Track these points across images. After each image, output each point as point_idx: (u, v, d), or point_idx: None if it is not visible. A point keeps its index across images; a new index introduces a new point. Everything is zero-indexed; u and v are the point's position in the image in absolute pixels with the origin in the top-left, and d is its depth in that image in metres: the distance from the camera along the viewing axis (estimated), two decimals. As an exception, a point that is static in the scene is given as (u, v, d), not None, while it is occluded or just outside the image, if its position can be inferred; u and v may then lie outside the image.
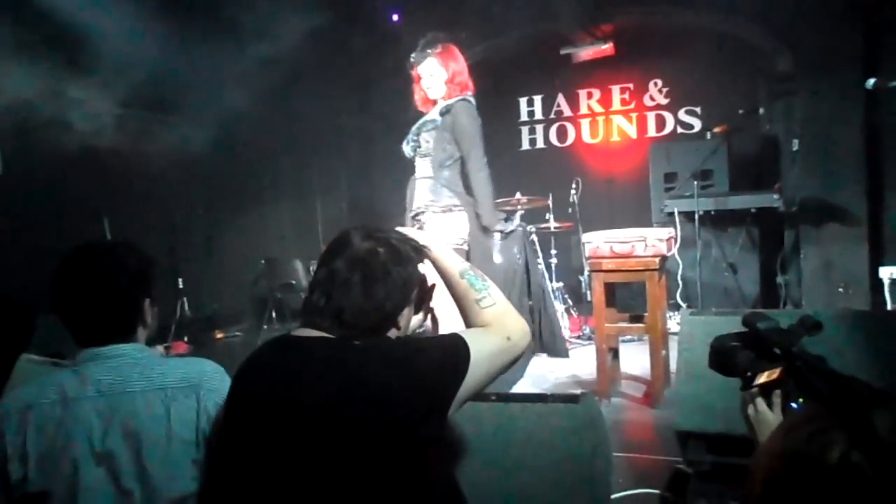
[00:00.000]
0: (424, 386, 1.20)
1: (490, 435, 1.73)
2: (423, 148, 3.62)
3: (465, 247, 3.55)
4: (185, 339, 5.91)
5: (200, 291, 6.35)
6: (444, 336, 1.33)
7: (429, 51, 3.53)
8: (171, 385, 1.42)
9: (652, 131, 6.99)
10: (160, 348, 5.45)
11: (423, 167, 3.63)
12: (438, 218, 3.60)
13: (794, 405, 1.25)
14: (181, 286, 6.02)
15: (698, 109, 6.73)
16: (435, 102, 3.63)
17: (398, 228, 1.46)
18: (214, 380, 1.46)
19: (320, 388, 1.18)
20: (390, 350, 1.25)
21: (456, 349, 1.28)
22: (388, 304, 1.29)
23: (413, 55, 3.59)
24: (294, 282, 6.19)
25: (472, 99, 3.61)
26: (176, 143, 5.25)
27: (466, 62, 3.68)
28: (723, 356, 1.34)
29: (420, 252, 1.38)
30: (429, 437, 1.21)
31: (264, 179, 6.73)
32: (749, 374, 1.26)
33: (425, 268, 1.43)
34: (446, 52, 3.55)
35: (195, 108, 5.10)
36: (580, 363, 4.83)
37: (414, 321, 1.41)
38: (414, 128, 3.72)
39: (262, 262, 6.55)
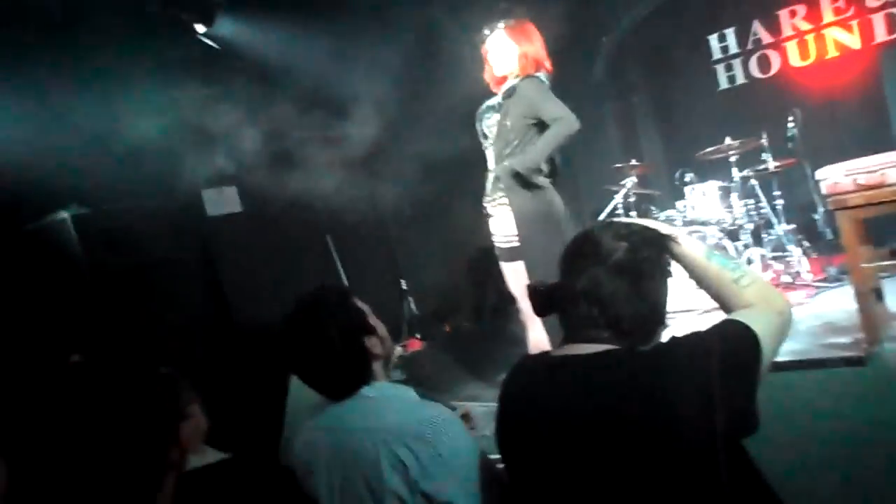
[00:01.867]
0: (732, 382, 1.14)
1: (763, 408, 1.58)
2: (488, 135, 3.34)
3: (514, 243, 3.26)
4: (418, 335, 6.23)
5: (424, 288, 6.64)
6: (725, 327, 1.24)
7: (500, 24, 3.23)
8: (389, 430, 1.44)
9: (881, 36, 5.93)
10: (398, 348, 5.80)
11: (488, 156, 3.36)
12: (496, 212, 3.37)
13: None
14: (405, 287, 6.35)
15: (946, -3, 5.67)
16: (505, 80, 3.29)
17: (641, 220, 1.38)
18: (433, 429, 1.43)
19: (628, 404, 1.13)
20: (687, 352, 1.17)
21: (746, 339, 1.19)
22: (660, 301, 1.25)
23: (485, 29, 3.30)
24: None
25: (544, 78, 3.23)
26: (377, 150, 5.55)
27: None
28: None
29: (669, 240, 1.31)
30: (744, 431, 1.17)
31: (472, 177, 6.88)
32: None
33: None
34: (519, 26, 3.23)
35: (388, 110, 5.35)
36: (832, 308, 4.33)
37: None
38: (479, 112, 3.42)
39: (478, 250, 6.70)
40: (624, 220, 1.36)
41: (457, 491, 1.41)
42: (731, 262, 1.35)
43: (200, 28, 4.96)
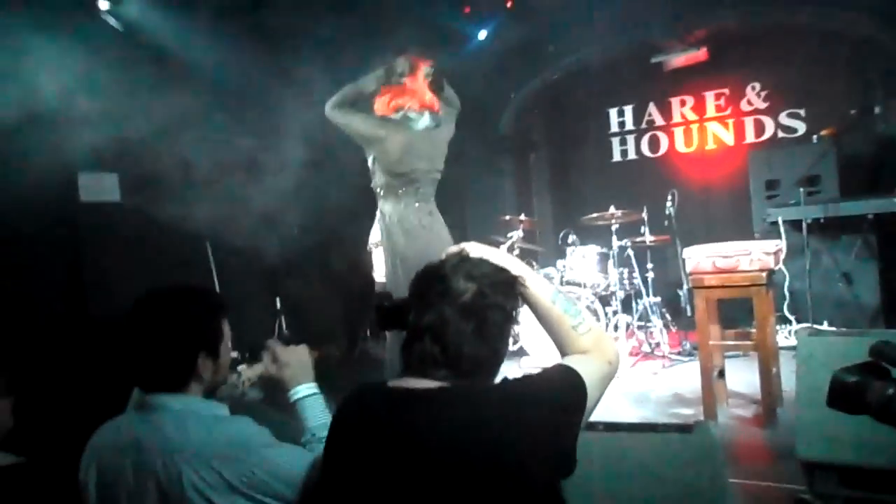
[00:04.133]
0: (557, 424, 1.19)
1: (599, 466, 1.66)
2: None
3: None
4: (284, 356, 6.07)
5: (298, 310, 6.52)
6: (555, 371, 1.30)
7: None
8: (192, 450, 1.38)
9: (750, 137, 6.66)
10: (261, 366, 5.59)
11: None
12: (376, 251, 3.64)
13: None
14: (279, 306, 6.21)
15: (802, 112, 6.35)
16: None
17: (485, 252, 1.39)
18: (245, 447, 1.40)
19: (454, 441, 1.15)
20: (517, 395, 1.22)
21: (574, 384, 1.25)
22: (502, 345, 1.28)
23: None
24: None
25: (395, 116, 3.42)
26: (272, 165, 5.44)
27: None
28: (848, 394, 1.22)
29: (517, 284, 1.34)
30: (563, 473, 1.21)
31: (358, 198, 6.86)
32: None
33: None
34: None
35: (297, 132, 5.28)
36: (682, 380, 4.67)
37: None
38: None
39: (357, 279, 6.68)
40: (477, 254, 1.36)
41: (277, 493, 1.39)
42: (572, 308, 1.39)
43: (104, 4, 4.73)
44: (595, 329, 1.39)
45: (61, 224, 4.85)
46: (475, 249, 1.39)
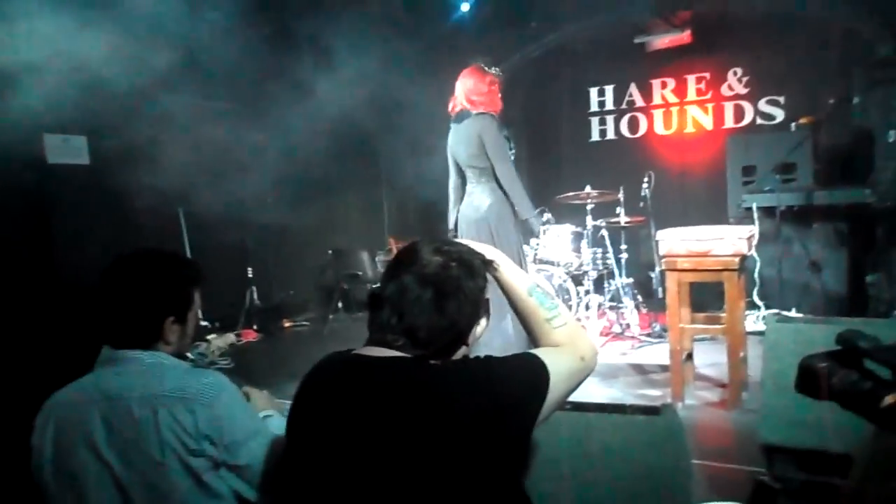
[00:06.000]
0: (509, 409, 1.17)
1: (564, 445, 1.66)
2: None
3: None
4: (254, 327, 6.04)
5: (269, 281, 6.46)
6: (520, 357, 1.28)
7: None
8: (167, 394, 1.42)
9: (729, 122, 6.71)
10: (231, 336, 5.58)
11: None
12: None
13: None
14: (250, 276, 6.15)
15: (781, 99, 6.40)
16: None
17: (465, 241, 1.42)
18: (212, 393, 1.44)
19: (401, 411, 1.13)
20: (471, 372, 1.20)
21: (536, 372, 1.23)
22: (461, 320, 1.26)
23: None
24: (360, 272, 6.23)
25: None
26: (247, 134, 5.35)
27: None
28: (816, 379, 1.25)
29: (488, 267, 1.34)
30: (512, 460, 1.19)
31: (332, 170, 6.77)
32: (873, 397, 1.16)
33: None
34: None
35: (265, 100, 5.18)
36: (651, 361, 4.70)
37: (478, 331, 1.35)
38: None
39: (330, 252, 6.63)
40: (455, 239, 1.37)
41: (234, 452, 1.44)
42: (548, 301, 1.38)
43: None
44: (571, 325, 1.37)
45: (27, 185, 4.73)
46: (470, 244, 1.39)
